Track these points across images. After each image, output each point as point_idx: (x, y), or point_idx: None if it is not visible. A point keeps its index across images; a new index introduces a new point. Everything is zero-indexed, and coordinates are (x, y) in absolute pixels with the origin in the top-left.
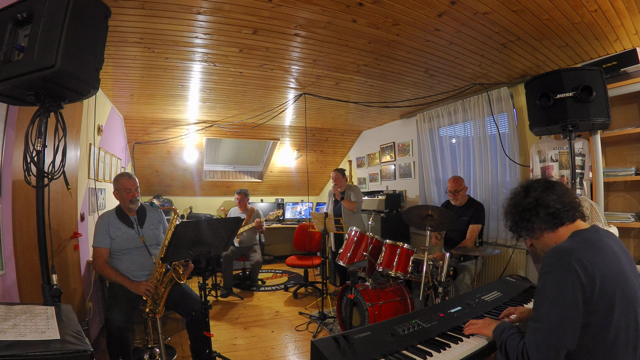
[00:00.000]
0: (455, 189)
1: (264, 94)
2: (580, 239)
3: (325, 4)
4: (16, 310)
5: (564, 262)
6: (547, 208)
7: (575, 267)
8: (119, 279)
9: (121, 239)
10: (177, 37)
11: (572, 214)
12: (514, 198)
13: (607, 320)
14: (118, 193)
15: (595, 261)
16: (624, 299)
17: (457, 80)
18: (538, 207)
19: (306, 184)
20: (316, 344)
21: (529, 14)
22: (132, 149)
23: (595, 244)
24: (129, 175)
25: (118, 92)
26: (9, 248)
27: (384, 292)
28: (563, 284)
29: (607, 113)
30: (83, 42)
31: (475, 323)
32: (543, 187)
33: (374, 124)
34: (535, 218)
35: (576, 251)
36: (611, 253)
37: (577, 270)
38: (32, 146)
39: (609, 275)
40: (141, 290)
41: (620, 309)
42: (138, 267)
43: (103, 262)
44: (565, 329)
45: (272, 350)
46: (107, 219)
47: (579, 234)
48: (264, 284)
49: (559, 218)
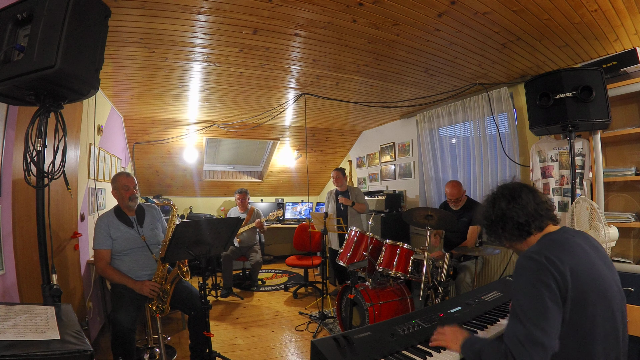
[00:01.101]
0: (456, 198)
1: (264, 94)
2: (547, 241)
3: (325, 4)
4: (16, 310)
5: (533, 263)
6: (512, 221)
7: (545, 263)
8: (122, 279)
9: (122, 240)
10: (177, 37)
11: (539, 223)
12: (484, 207)
13: (582, 315)
14: (117, 191)
15: (564, 258)
16: (596, 293)
17: (457, 80)
18: (504, 220)
19: (306, 184)
20: (316, 344)
21: (529, 14)
22: (132, 149)
23: (562, 243)
24: (127, 173)
25: (118, 92)
26: (9, 248)
27: (384, 292)
28: (538, 280)
29: (607, 113)
30: (83, 42)
31: (442, 333)
32: (508, 198)
33: (374, 124)
34: (502, 231)
35: (544, 251)
36: (580, 249)
37: (548, 266)
38: (32, 146)
39: (579, 270)
40: (145, 290)
41: (593, 304)
42: (140, 267)
43: (105, 264)
44: (549, 323)
45: (272, 350)
46: (106, 219)
47: (546, 237)
48: (264, 284)
49: (525, 230)
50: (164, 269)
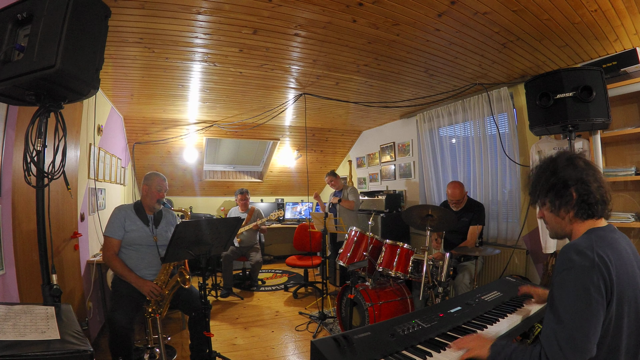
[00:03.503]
0: (457, 199)
1: (264, 94)
2: (597, 237)
3: (325, 4)
4: (16, 310)
5: (586, 260)
6: (587, 194)
7: (597, 262)
8: (125, 273)
9: (135, 234)
10: (177, 37)
11: (601, 211)
12: (552, 163)
13: (616, 325)
14: (148, 188)
15: (613, 259)
16: (632, 304)
17: (457, 80)
18: (578, 184)
19: (306, 184)
20: (316, 344)
21: (529, 14)
22: (132, 149)
23: (611, 244)
24: (164, 177)
25: (118, 92)
26: (9, 248)
27: (384, 292)
28: (589, 279)
29: (607, 113)
30: (83, 42)
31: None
32: (583, 166)
33: (374, 124)
34: (570, 198)
35: (596, 248)
36: (626, 255)
37: (600, 265)
38: (32, 146)
39: (622, 277)
40: (146, 291)
41: (627, 315)
42: (146, 265)
43: (112, 254)
44: (593, 328)
45: (272, 350)
46: (124, 211)
47: (594, 232)
48: (264, 284)
49: (588, 211)
50: (166, 274)
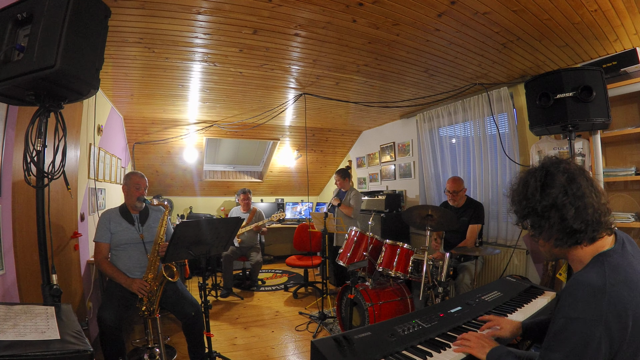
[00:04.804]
0: (454, 190)
1: (264, 94)
2: (610, 269)
3: (325, 4)
4: (16, 310)
5: (592, 309)
6: (564, 222)
7: (607, 317)
8: (114, 274)
9: (120, 234)
10: (177, 37)
11: (595, 233)
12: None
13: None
14: (127, 188)
15: (631, 303)
16: None
17: (457, 80)
18: (551, 211)
19: (306, 184)
20: (316, 344)
21: (529, 14)
22: (132, 149)
23: (629, 277)
24: (141, 174)
25: (118, 92)
26: (9, 248)
27: (384, 292)
28: (589, 335)
29: (607, 113)
30: (83, 42)
31: (467, 339)
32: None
33: (374, 124)
34: (547, 225)
35: (610, 292)
36: None
37: (609, 322)
38: (32, 146)
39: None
40: (135, 288)
41: None
42: (135, 265)
43: (102, 258)
44: None
45: (272, 350)
46: (109, 214)
47: (606, 260)
48: (264, 284)
49: (573, 238)
50: (154, 270)
